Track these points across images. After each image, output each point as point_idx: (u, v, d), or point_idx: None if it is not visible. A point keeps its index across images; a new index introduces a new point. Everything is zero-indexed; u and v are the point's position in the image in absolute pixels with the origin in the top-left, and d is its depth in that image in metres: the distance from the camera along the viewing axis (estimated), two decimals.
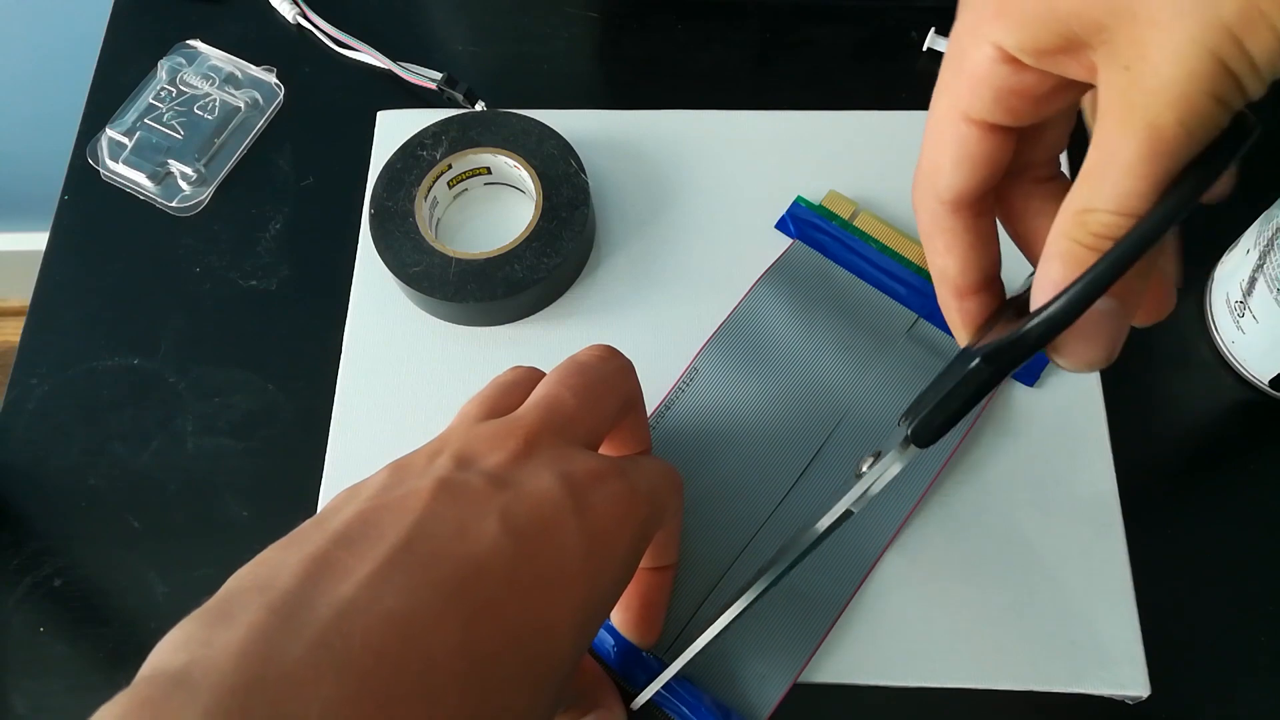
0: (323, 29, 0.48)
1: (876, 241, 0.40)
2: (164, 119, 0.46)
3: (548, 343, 0.40)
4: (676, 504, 0.30)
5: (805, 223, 0.41)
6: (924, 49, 0.46)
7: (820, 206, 0.41)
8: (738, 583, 0.34)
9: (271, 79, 0.47)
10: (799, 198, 0.42)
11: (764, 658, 0.34)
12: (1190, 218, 0.19)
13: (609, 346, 0.31)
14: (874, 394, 0.37)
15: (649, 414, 0.38)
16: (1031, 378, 0.38)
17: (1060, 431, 0.37)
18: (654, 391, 0.38)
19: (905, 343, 0.38)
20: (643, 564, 0.31)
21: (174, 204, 0.45)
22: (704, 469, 0.36)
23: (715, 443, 0.37)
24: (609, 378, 0.29)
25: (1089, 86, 0.20)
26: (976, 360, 0.22)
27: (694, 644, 0.31)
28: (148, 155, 0.45)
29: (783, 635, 0.34)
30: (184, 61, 0.48)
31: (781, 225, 0.42)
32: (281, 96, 0.47)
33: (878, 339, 0.38)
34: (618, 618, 0.33)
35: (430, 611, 0.21)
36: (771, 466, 0.36)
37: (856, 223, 0.41)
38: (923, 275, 0.40)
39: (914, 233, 0.41)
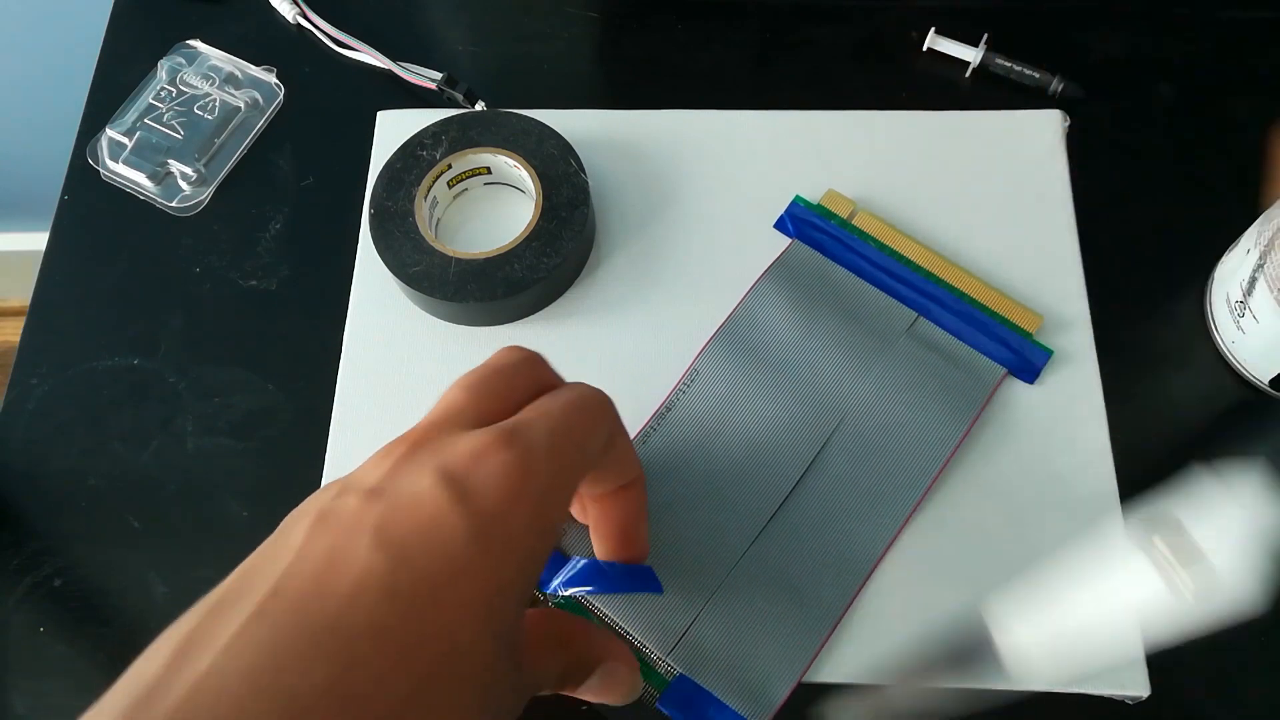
0: (323, 29, 0.48)
1: (875, 240, 0.40)
2: (164, 119, 0.46)
3: (548, 343, 0.40)
4: (606, 426, 0.28)
5: (804, 222, 0.41)
6: (924, 49, 0.47)
7: (819, 206, 0.41)
8: (741, 582, 0.34)
9: (271, 79, 0.47)
10: (797, 197, 0.42)
11: (768, 658, 0.34)
12: (1190, 218, 0.19)
13: (515, 346, 0.30)
14: (875, 394, 0.37)
15: (650, 416, 0.38)
16: (1031, 375, 0.38)
17: (1060, 431, 0.37)
18: (654, 393, 0.38)
19: (905, 341, 0.38)
20: (604, 488, 0.30)
21: (174, 204, 0.45)
22: (706, 470, 0.36)
23: (717, 444, 0.37)
24: (508, 366, 0.28)
25: None
26: None
27: None
28: (148, 155, 0.45)
29: (786, 636, 0.34)
30: (184, 61, 0.48)
31: (780, 225, 0.42)
32: (281, 96, 0.47)
33: (878, 338, 0.38)
34: (599, 549, 0.32)
35: (294, 656, 0.21)
36: (774, 466, 0.36)
37: (855, 221, 0.41)
38: (922, 274, 0.40)
39: (913, 231, 0.41)
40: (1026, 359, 0.38)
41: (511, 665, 0.24)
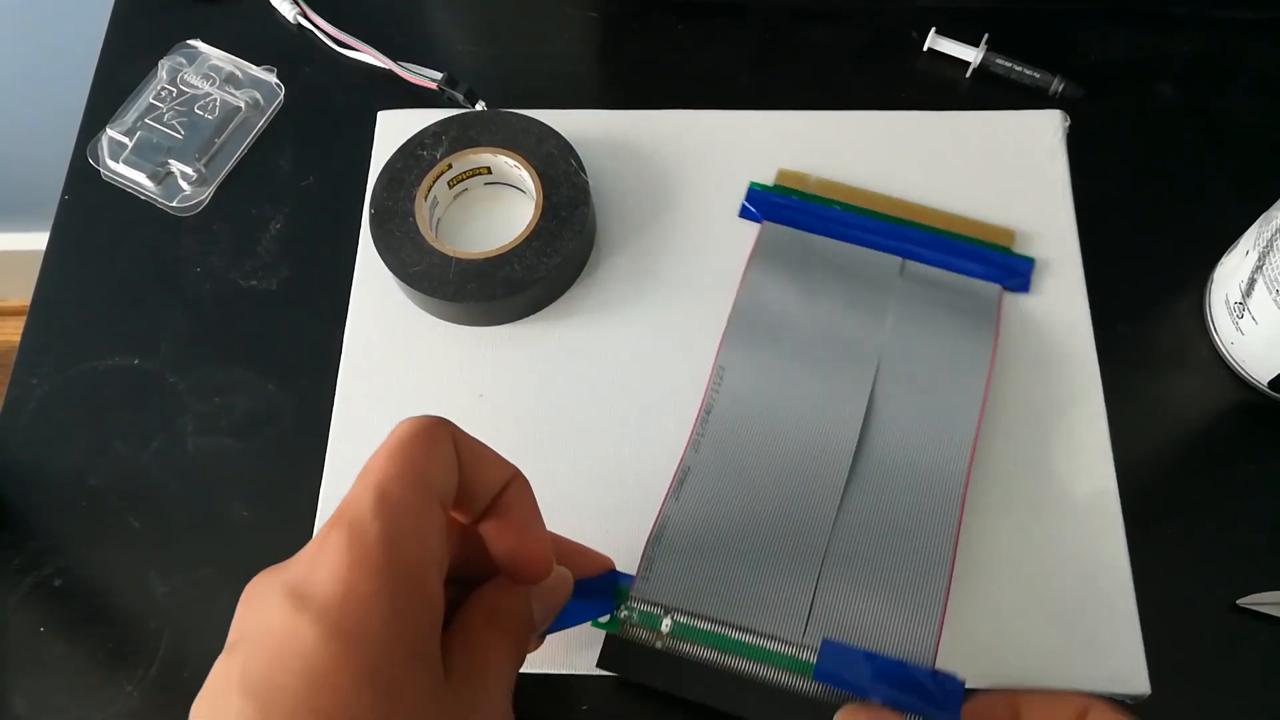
0: (323, 29, 0.48)
1: (838, 202, 0.42)
2: (164, 119, 0.46)
3: (548, 343, 0.40)
4: (440, 448, 0.26)
5: (766, 203, 0.42)
6: (924, 49, 0.47)
7: (775, 186, 0.42)
8: (844, 543, 0.34)
9: (271, 79, 0.47)
10: (752, 183, 0.42)
11: (904, 599, 0.33)
12: (1190, 218, 0.19)
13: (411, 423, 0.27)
14: (897, 333, 0.38)
15: (694, 424, 0.37)
16: (1024, 284, 0.40)
17: (1060, 430, 0.37)
18: (654, 392, 0.38)
19: (903, 282, 0.39)
20: (483, 501, 0.28)
21: (174, 204, 0.45)
22: (768, 453, 0.36)
23: (770, 426, 0.37)
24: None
25: None
26: None
27: None
28: (148, 155, 0.45)
29: (912, 572, 0.34)
30: (184, 61, 0.48)
31: (744, 213, 0.42)
32: (281, 96, 0.47)
33: (877, 286, 0.39)
34: (496, 552, 0.28)
35: None
36: (833, 426, 0.37)
37: (814, 190, 0.42)
38: (891, 221, 0.41)
39: (869, 187, 0.42)
40: (1013, 270, 0.40)
41: (450, 696, 0.24)
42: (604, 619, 0.33)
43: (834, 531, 0.35)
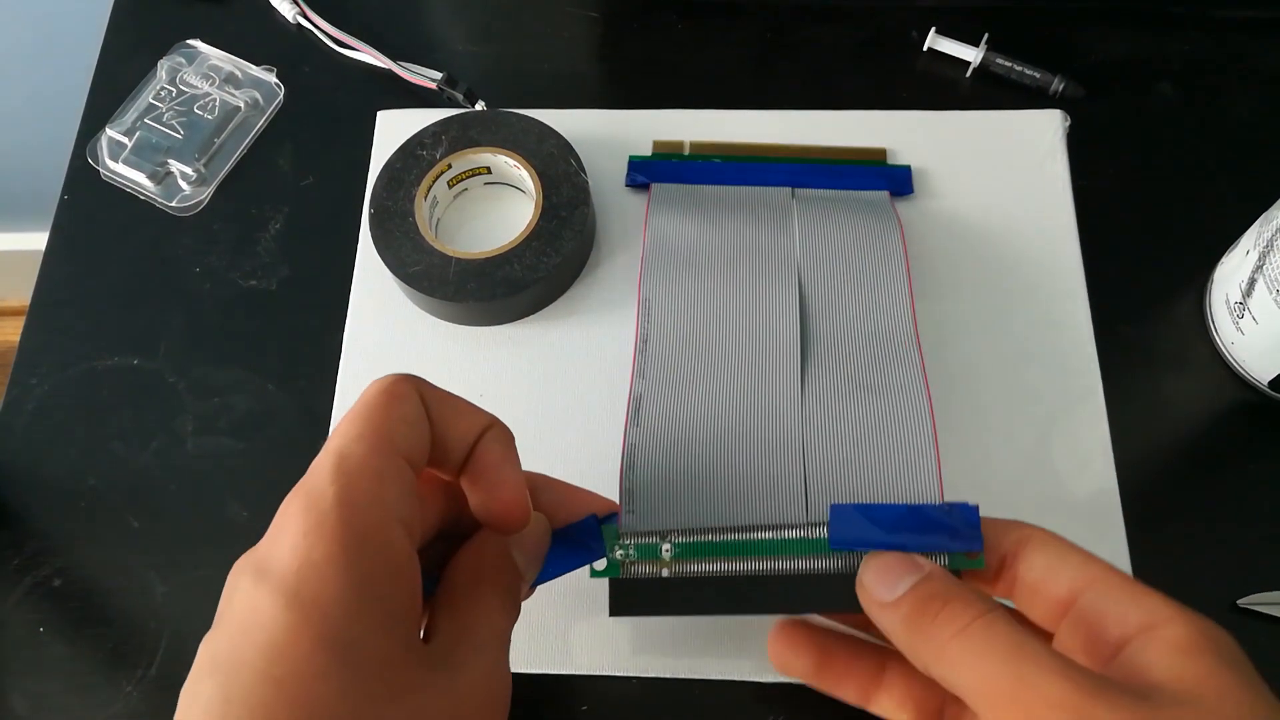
0: (323, 29, 0.48)
1: (717, 156, 0.43)
2: (164, 119, 0.46)
3: (547, 342, 0.40)
4: (405, 405, 0.26)
5: (648, 168, 0.43)
6: (924, 49, 0.47)
7: (653, 155, 0.44)
8: (818, 422, 0.35)
9: (271, 79, 0.47)
10: (631, 156, 0.43)
11: (895, 454, 0.33)
12: (1190, 218, 0.19)
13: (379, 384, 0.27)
14: (808, 237, 0.39)
15: (633, 356, 0.37)
16: (907, 187, 0.42)
17: (1060, 431, 0.37)
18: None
19: (799, 203, 0.41)
20: (459, 453, 0.27)
21: (174, 204, 0.45)
22: (719, 362, 0.36)
23: (709, 339, 0.37)
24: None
25: None
26: None
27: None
28: (148, 155, 0.45)
29: (897, 424, 0.34)
30: (184, 61, 0.48)
31: (631, 181, 0.43)
32: (281, 96, 0.47)
33: (774, 209, 0.41)
34: (474, 502, 0.28)
35: None
36: (773, 324, 0.37)
37: (691, 151, 0.44)
38: (770, 161, 0.43)
39: (735, 138, 0.44)
40: (893, 177, 0.42)
41: (432, 658, 0.24)
42: (600, 565, 0.31)
43: (804, 407, 0.35)
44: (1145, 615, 0.24)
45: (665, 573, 0.31)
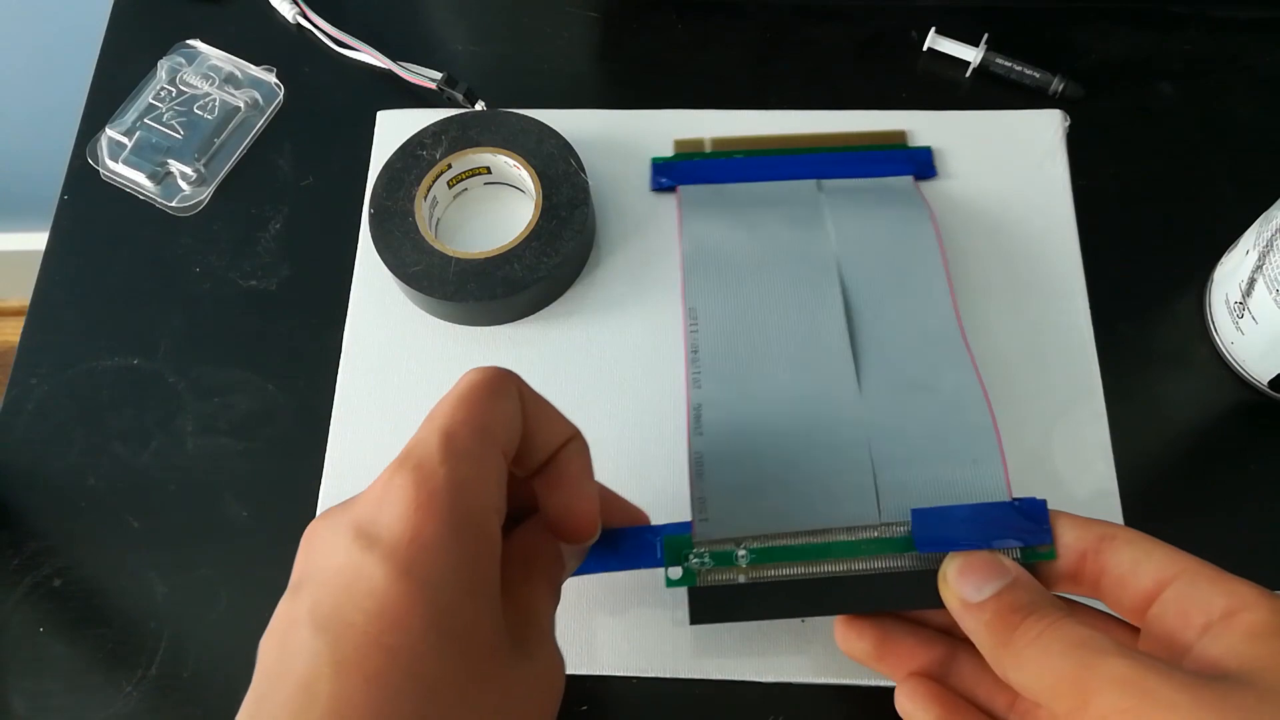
0: (323, 29, 0.48)
1: (740, 151, 0.43)
2: (164, 119, 0.46)
3: (548, 342, 0.40)
4: (505, 401, 0.26)
5: (674, 170, 0.43)
6: (924, 48, 0.47)
7: (675, 155, 0.43)
8: (878, 425, 0.34)
9: (271, 79, 0.47)
10: (653, 158, 0.43)
11: (958, 449, 0.33)
12: (1190, 218, 0.19)
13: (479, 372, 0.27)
14: (843, 236, 0.39)
15: (685, 368, 0.37)
16: (930, 170, 0.42)
17: (1060, 431, 0.37)
18: (655, 391, 0.39)
19: (826, 196, 0.41)
20: (539, 457, 0.28)
21: (174, 204, 0.45)
22: (766, 370, 0.36)
23: (759, 345, 0.37)
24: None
25: None
26: None
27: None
28: (147, 155, 0.45)
29: (956, 420, 0.34)
30: (184, 61, 0.48)
31: (656, 185, 0.43)
32: (281, 96, 0.47)
33: (805, 204, 0.41)
34: (547, 510, 0.28)
35: None
36: (820, 327, 0.37)
37: (714, 149, 0.43)
38: (791, 154, 0.43)
39: (757, 132, 0.44)
40: (915, 159, 0.42)
41: (509, 644, 0.24)
42: (676, 575, 0.31)
43: (865, 420, 0.34)
44: (1229, 600, 0.24)
45: (741, 579, 0.31)
